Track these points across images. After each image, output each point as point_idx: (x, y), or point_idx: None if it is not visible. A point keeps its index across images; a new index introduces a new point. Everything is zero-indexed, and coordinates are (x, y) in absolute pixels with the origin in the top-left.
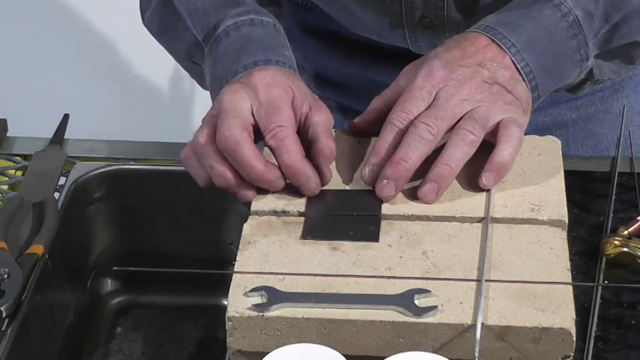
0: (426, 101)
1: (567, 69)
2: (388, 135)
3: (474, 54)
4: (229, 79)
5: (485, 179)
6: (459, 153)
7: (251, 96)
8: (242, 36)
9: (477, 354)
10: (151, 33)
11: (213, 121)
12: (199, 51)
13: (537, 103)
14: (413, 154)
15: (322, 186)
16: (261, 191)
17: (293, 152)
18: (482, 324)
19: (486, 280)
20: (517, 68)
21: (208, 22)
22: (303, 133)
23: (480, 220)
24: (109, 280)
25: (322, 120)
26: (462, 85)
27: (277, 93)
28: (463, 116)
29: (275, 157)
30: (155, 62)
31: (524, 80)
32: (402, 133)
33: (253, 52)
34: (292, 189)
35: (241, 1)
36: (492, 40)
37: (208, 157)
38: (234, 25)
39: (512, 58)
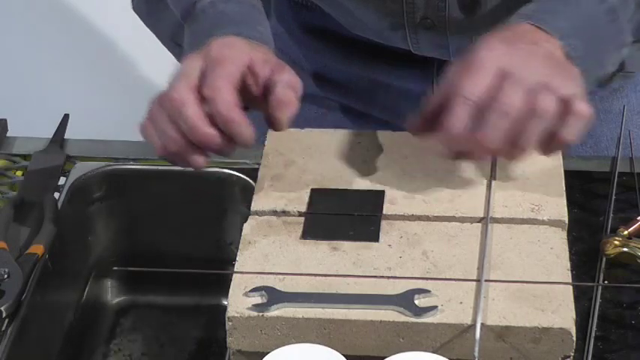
0: (493, 74)
1: (609, 54)
2: (462, 111)
3: (524, 35)
4: None
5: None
6: (540, 128)
7: (203, 58)
8: (217, 13)
9: (476, 354)
10: (141, 18)
11: None
12: (181, 31)
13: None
14: (498, 133)
15: (277, 129)
16: (261, 191)
17: (226, 101)
18: (483, 324)
19: (486, 280)
20: (565, 52)
21: (187, 1)
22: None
23: (480, 220)
24: (109, 280)
25: (285, 78)
26: (528, 57)
27: (228, 52)
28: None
29: (209, 108)
30: (155, 62)
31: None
32: (477, 107)
33: (225, 27)
34: (292, 189)
35: None
36: (537, 27)
37: (161, 123)
38: (210, 2)
39: (560, 43)
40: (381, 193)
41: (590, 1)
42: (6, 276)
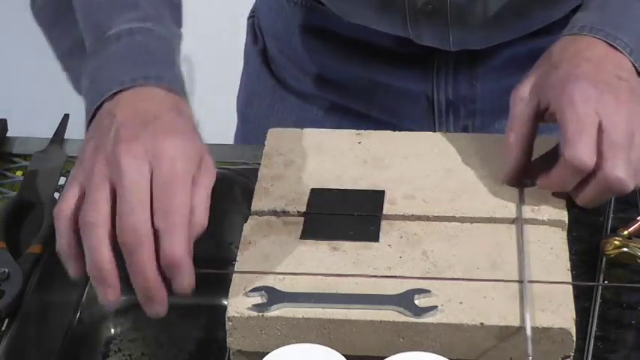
0: (595, 127)
1: None
2: (568, 175)
3: (601, 63)
4: (114, 88)
5: None
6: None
7: (152, 165)
8: (134, 44)
9: (529, 352)
10: (39, 23)
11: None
12: (82, 49)
13: None
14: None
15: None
16: (261, 191)
17: (182, 244)
18: (482, 324)
19: (529, 281)
20: (635, 68)
21: (99, 20)
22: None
23: (480, 220)
24: None
25: (205, 187)
26: (618, 103)
27: (180, 168)
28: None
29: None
30: None
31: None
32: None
33: (145, 65)
34: (292, 189)
35: (140, 4)
36: (608, 44)
37: (93, 238)
38: (128, 30)
39: (630, 59)
40: (381, 193)
41: None
42: (6, 276)
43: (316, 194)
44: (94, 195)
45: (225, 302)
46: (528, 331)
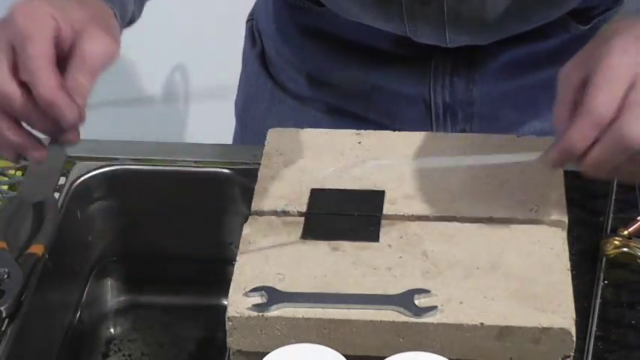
0: (626, 80)
1: None
2: (587, 130)
3: None
4: None
5: None
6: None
7: (8, 31)
8: None
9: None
10: None
11: None
12: None
13: None
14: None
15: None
16: (261, 191)
17: (46, 84)
18: (482, 324)
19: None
20: None
21: None
22: (68, 63)
23: (480, 220)
24: (109, 280)
25: (85, 51)
26: None
27: (32, 23)
28: None
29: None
30: (154, 62)
31: None
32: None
33: None
34: (292, 189)
35: None
36: None
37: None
38: None
39: None
40: (381, 193)
41: None
42: (6, 276)
43: (316, 194)
44: (25, 52)
45: (225, 302)
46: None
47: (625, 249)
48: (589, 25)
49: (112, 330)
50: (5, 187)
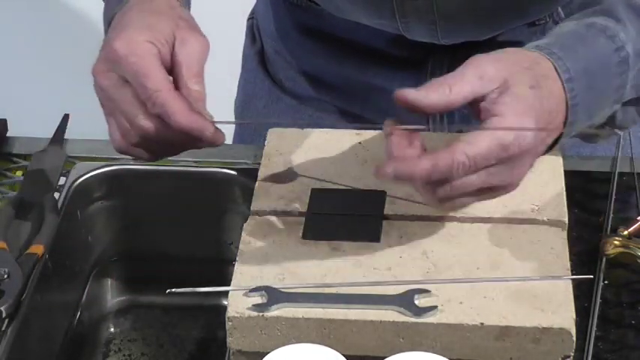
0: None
1: (603, 108)
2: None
3: (533, 71)
4: (107, 25)
5: None
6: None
7: (119, 71)
8: None
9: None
10: None
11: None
12: None
13: (564, 138)
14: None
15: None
16: (261, 191)
17: (179, 113)
18: (482, 324)
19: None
20: (565, 96)
21: None
22: (174, 74)
23: (480, 220)
24: (109, 280)
25: (185, 57)
26: (524, 110)
27: (139, 60)
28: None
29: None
30: None
31: (566, 110)
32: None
33: None
34: (292, 189)
35: None
36: (549, 60)
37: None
38: None
39: (564, 85)
40: (382, 193)
41: (606, 48)
42: (6, 276)
43: (316, 194)
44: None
45: (225, 302)
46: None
47: (625, 249)
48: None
49: (112, 330)
50: (5, 187)
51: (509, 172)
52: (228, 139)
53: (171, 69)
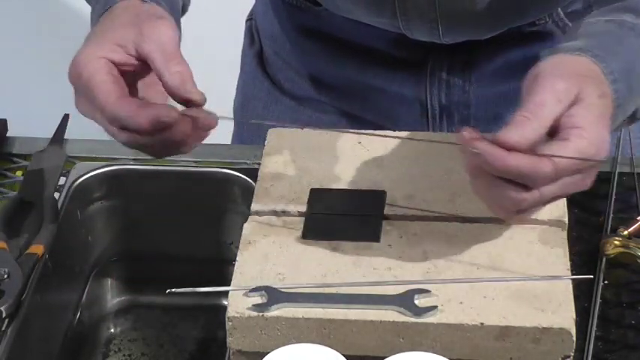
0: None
1: (635, 106)
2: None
3: (589, 83)
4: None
5: None
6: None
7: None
8: None
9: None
10: None
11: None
12: None
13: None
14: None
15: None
16: (261, 191)
17: (128, 114)
18: (482, 324)
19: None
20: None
21: None
22: (151, 65)
23: (480, 220)
24: (109, 280)
25: (154, 45)
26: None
27: (84, 80)
28: None
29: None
30: None
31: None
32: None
33: None
34: (292, 189)
35: None
36: (595, 64)
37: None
38: None
39: (611, 88)
40: (382, 193)
41: (637, 44)
42: (6, 276)
43: (316, 194)
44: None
45: (225, 302)
46: None
47: (625, 249)
48: None
49: (112, 330)
50: (5, 187)
51: (584, 182)
52: (228, 140)
53: (144, 62)
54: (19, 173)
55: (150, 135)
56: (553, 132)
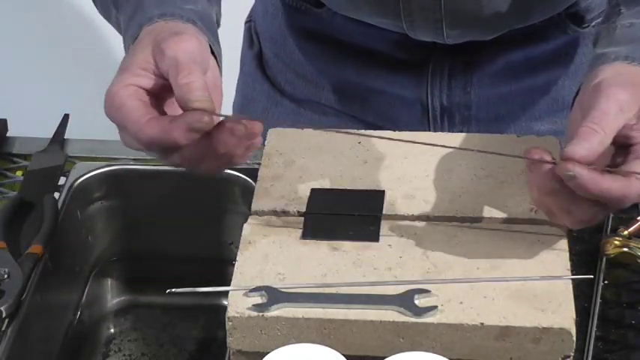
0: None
1: None
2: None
3: None
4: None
5: None
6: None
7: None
8: None
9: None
10: None
11: None
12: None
13: None
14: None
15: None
16: (261, 191)
17: (150, 135)
18: (482, 324)
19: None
20: None
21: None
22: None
23: (481, 220)
24: (109, 280)
25: (169, 62)
26: None
27: (116, 111)
28: None
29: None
30: None
31: None
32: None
33: (146, 9)
34: (292, 189)
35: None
36: None
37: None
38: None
39: None
40: (381, 193)
41: None
42: (6, 276)
43: (316, 194)
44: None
45: (225, 302)
46: None
47: (625, 249)
48: (586, 28)
49: (112, 330)
50: (5, 187)
51: None
52: None
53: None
54: (19, 173)
55: (194, 149)
56: (620, 146)
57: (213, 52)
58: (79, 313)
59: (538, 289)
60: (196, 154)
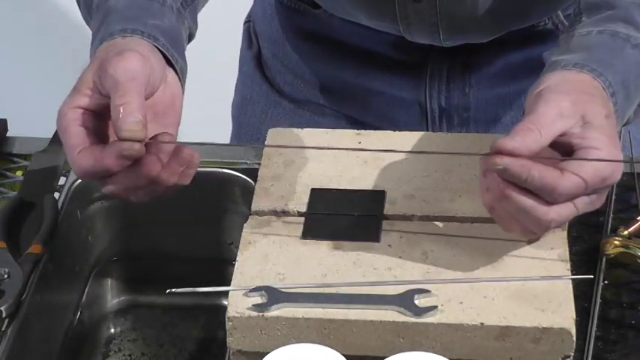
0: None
1: (630, 111)
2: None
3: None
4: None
5: None
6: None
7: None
8: (107, 8)
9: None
10: None
11: None
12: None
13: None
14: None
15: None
16: (261, 191)
17: (83, 165)
18: (482, 324)
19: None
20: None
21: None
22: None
23: (480, 220)
24: (109, 280)
25: (110, 83)
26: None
27: (62, 134)
28: None
29: None
30: None
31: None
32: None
33: (111, 24)
34: (292, 189)
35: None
36: (593, 78)
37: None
38: None
39: (611, 100)
40: (382, 193)
41: (635, 57)
42: (6, 276)
43: (316, 194)
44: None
45: (225, 302)
46: None
47: (625, 249)
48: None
49: (112, 330)
50: (5, 187)
51: (598, 201)
52: (227, 139)
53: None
54: (19, 173)
55: (128, 175)
56: (564, 153)
57: (175, 69)
58: (79, 313)
59: (538, 289)
60: (131, 181)
